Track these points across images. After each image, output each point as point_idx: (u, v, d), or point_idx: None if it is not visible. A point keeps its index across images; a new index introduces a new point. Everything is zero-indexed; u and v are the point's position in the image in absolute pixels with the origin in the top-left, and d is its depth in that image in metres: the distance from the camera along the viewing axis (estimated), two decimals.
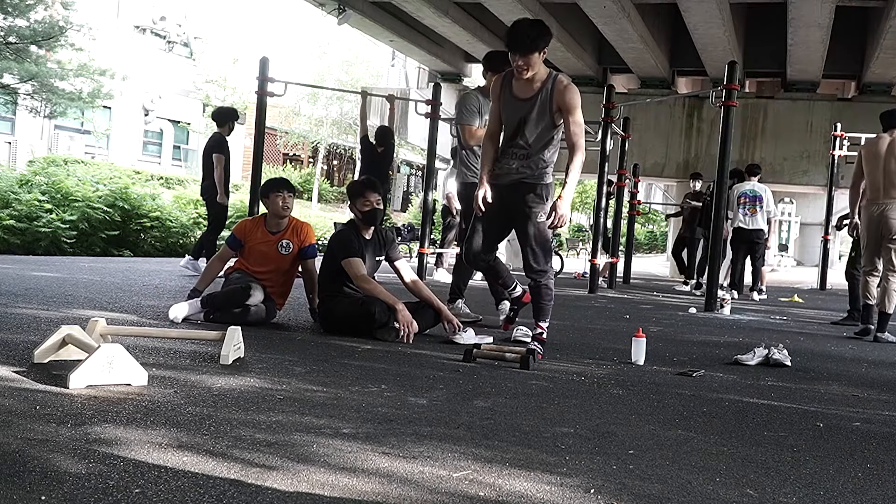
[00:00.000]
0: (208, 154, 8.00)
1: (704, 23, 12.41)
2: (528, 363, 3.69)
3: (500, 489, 1.95)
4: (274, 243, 4.80)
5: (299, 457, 2.10)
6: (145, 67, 24.90)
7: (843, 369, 4.48)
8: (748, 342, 5.26)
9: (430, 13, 13.02)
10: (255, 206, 8.46)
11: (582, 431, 2.60)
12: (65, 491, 1.72)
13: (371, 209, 4.56)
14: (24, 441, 2.05)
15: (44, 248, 9.80)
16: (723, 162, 7.88)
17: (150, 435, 2.20)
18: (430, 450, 2.24)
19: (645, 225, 34.26)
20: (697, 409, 3.08)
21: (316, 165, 32.13)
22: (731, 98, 7.72)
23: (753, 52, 15.15)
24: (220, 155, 7.92)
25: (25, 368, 2.93)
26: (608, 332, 5.51)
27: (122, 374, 2.76)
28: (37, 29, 15.28)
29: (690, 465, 2.27)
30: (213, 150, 7.96)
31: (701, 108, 15.67)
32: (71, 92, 16.95)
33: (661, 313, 7.39)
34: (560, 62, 15.07)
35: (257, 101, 9.02)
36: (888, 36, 11.81)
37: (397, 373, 3.41)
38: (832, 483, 2.21)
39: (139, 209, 11.44)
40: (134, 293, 5.78)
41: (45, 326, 3.85)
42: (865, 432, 2.90)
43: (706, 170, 14.93)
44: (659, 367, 4.07)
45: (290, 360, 3.58)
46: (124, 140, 25.63)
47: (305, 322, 4.91)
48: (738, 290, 9.87)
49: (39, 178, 11.36)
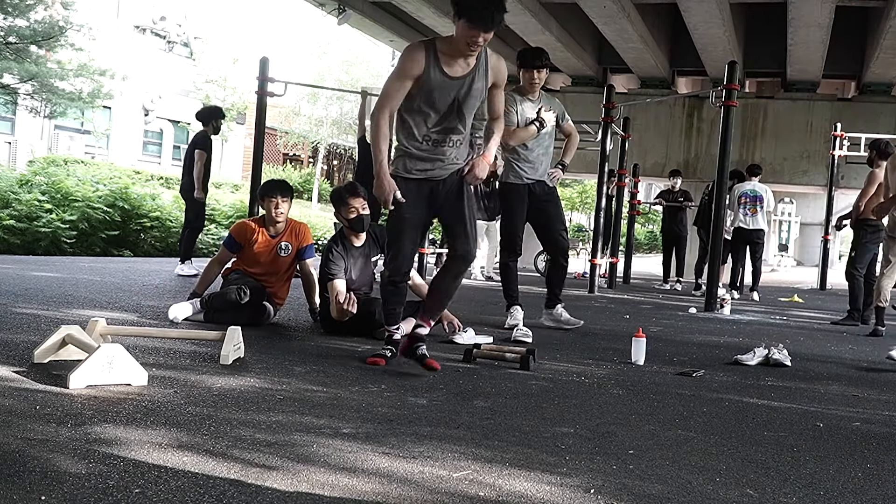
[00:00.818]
0: (191, 151, 7.97)
1: (704, 23, 12.41)
2: (528, 363, 3.69)
3: (500, 489, 1.95)
4: (273, 246, 4.79)
5: (299, 457, 2.10)
6: (145, 67, 24.89)
7: (843, 369, 4.48)
8: (748, 342, 5.26)
9: (430, 13, 13.01)
10: (255, 207, 8.46)
11: (582, 431, 2.60)
12: (65, 491, 1.72)
13: (357, 216, 4.43)
14: (24, 441, 2.05)
15: (44, 248, 9.80)
16: (723, 162, 7.88)
17: (150, 435, 2.20)
18: (430, 450, 2.24)
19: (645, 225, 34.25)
20: (697, 409, 3.08)
21: (316, 165, 32.12)
22: (731, 98, 7.72)
23: (753, 52, 15.14)
24: (202, 151, 7.88)
25: (25, 368, 2.93)
26: (608, 332, 5.51)
27: (122, 374, 2.76)
28: (37, 29, 15.28)
29: (690, 465, 2.27)
30: (196, 146, 7.93)
31: (701, 108, 15.66)
32: (71, 92, 16.95)
33: (661, 313, 7.39)
34: (560, 62, 15.07)
35: (257, 101, 9.02)
36: (888, 36, 11.81)
37: (397, 373, 3.41)
38: (832, 483, 2.21)
39: (139, 209, 11.43)
40: (134, 293, 5.77)
41: (45, 326, 3.85)
42: (865, 432, 2.90)
43: (706, 170, 14.95)
44: (659, 367, 4.07)
45: (290, 360, 3.58)
46: (124, 140, 25.62)
47: (305, 322, 4.91)
48: (738, 290, 9.88)
49: (39, 178, 11.35)
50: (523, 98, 5.29)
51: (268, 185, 4.86)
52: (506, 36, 15.03)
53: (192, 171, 7.88)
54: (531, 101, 5.29)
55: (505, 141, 5.44)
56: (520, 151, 5.34)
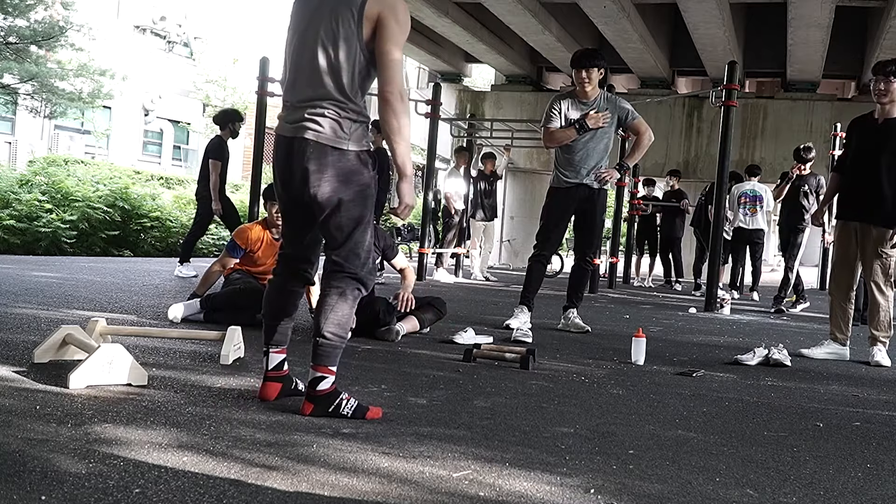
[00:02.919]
0: (206, 159, 7.89)
1: (704, 23, 12.41)
2: (528, 363, 3.69)
3: (500, 489, 1.95)
4: (277, 247, 4.78)
5: (299, 457, 2.10)
6: (145, 67, 24.87)
7: (843, 369, 4.48)
8: (748, 342, 5.26)
9: (430, 13, 13.01)
10: (255, 207, 8.46)
11: (582, 431, 2.60)
12: (65, 491, 1.72)
13: None
14: (24, 441, 2.05)
15: (44, 248, 9.80)
16: (723, 162, 7.88)
17: (150, 435, 2.20)
18: (430, 450, 2.24)
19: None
20: (697, 409, 3.08)
21: None
22: (731, 98, 7.72)
23: (753, 52, 15.15)
24: (216, 161, 7.77)
25: (25, 368, 2.93)
26: (608, 332, 5.51)
27: (122, 374, 2.76)
28: (37, 29, 15.26)
29: (690, 465, 2.27)
30: (210, 154, 7.82)
31: (701, 108, 15.67)
32: (71, 92, 16.93)
33: (661, 313, 7.39)
34: (560, 62, 15.07)
35: (257, 101, 9.01)
36: (888, 36, 11.81)
37: (397, 373, 3.41)
38: (832, 483, 2.21)
39: (139, 209, 11.43)
40: (134, 293, 5.77)
41: (45, 326, 3.85)
42: (865, 432, 2.90)
43: (706, 170, 14.95)
44: (659, 367, 4.07)
45: (290, 360, 3.57)
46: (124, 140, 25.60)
47: (305, 322, 4.91)
48: (738, 290, 9.88)
49: (39, 178, 11.35)
50: (573, 100, 5.25)
51: (268, 189, 4.83)
52: (506, 35, 15.05)
53: (208, 178, 7.75)
54: (583, 103, 5.24)
55: (544, 143, 5.44)
56: (559, 154, 5.32)
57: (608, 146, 5.36)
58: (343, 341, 2.54)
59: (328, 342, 2.51)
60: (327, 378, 2.53)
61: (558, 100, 5.32)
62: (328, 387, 2.53)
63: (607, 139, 5.32)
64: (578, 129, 5.19)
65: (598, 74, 5.18)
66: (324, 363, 2.52)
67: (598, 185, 5.31)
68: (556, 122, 5.25)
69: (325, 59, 2.52)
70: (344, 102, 2.53)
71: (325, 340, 2.51)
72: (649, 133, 5.35)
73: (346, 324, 2.54)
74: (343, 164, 2.51)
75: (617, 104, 5.31)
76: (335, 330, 2.50)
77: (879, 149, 4.65)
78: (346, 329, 2.55)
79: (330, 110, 2.52)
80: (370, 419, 2.53)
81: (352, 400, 2.55)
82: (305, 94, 2.56)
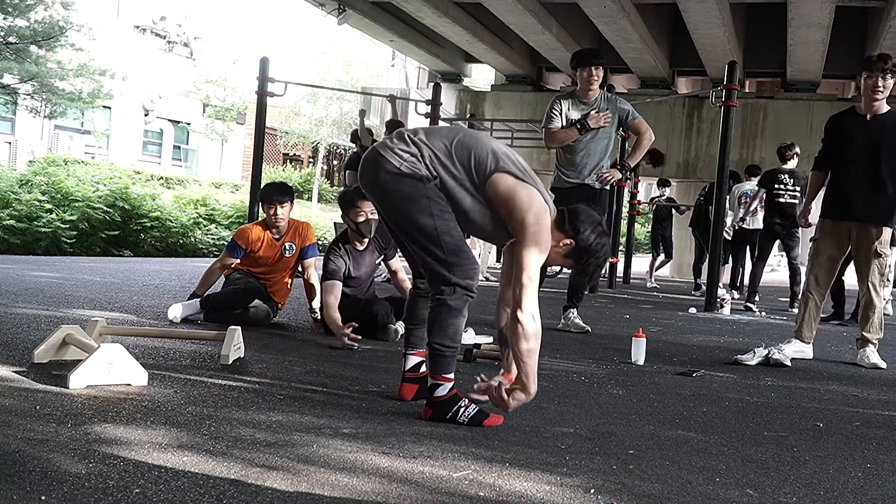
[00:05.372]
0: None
1: (704, 23, 12.40)
2: None
3: (500, 489, 1.95)
4: (278, 247, 4.79)
5: (299, 457, 2.10)
6: (145, 67, 24.88)
7: (842, 369, 4.48)
8: (748, 342, 5.26)
9: (430, 13, 13.01)
10: (255, 207, 8.46)
11: (582, 431, 2.60)
12: (65, 491, 1.72)
13: (365, 220, 4.33)
14: (24, 441, 2.05)
15: (44, 248, 9.79)
16: (723, 162, 7.88)
17: (150, 435, 2.20)
18: (430, 450, 2.24)
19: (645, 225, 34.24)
20: (697, 409, 3.08)
21: (316, 165, 32.11)
22: (731, 98, 7.72)
23: (753, 52, 15.13)
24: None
25: (25, 368, 2.93)
26: (608, 333, 5.51)
27: (122, 374, 2.76)
28: (37, 29, 15.27)
29: (690, 465, 2.27)
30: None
31: (701, 108, 15.66)
32: (71, 92, 16.94)
33: (661, 313, 7.39)
34: (560, 62, 15.06)
35: (257, 101, 9.02)
36: (888, 36, 11.81)
37: (397, 373, 3.40)
38: (832, 483, 2.21)
39: (139, 209, 11.42)
40: (134, 293, 5.77)
41: (45, 326, 3.85)
42: (865, 432, 2.90)
43: (706, 170, 14.94)
44: (659, 367, 4.07)
45: (290, 360, 3.58)
46: (124, 140, 25.61)
47: (305, 322, 4.91)
48: (738, 290, 9.87)
49: (39, 178, 11.34)
50: (573, 101, 5.26)
51: (265, 190, 4.80)
52: (506, 35, 15.05)
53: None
54: (584, 103, 5.26)
55: (546, 143, 5.45)
56: (561, 154, 5.32)
57: (609, 146, 5.37)
58: (453, 351, 2.62)
59: (435, 352, 2.61)
60: (443, 385, 2.61)
61: (559, 100, 5.32)
62: (445, 393, 2.61)
63: (608, 139, 5.33)
64: (580, 130, 5.19)
65: (599, 72, 5.23)
66: (437, 371, 2.61)
67: (600, 185, 5.32)
68: (558, 122, 5.26)
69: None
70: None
71: (433, 350, 2.62)
72: (650, 133, 5.37)
73: (453, 333, 2.62)
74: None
75: (617, 104, 5.31)
76: (441, 340, 2.60)
77: (876, 145, 4.52)
78: (454, 338, 2.62)
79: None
80: (488, 426, 2.57)
81: (471, 406, 2.60)
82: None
